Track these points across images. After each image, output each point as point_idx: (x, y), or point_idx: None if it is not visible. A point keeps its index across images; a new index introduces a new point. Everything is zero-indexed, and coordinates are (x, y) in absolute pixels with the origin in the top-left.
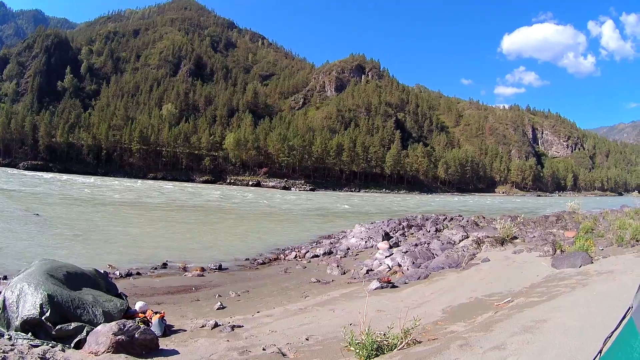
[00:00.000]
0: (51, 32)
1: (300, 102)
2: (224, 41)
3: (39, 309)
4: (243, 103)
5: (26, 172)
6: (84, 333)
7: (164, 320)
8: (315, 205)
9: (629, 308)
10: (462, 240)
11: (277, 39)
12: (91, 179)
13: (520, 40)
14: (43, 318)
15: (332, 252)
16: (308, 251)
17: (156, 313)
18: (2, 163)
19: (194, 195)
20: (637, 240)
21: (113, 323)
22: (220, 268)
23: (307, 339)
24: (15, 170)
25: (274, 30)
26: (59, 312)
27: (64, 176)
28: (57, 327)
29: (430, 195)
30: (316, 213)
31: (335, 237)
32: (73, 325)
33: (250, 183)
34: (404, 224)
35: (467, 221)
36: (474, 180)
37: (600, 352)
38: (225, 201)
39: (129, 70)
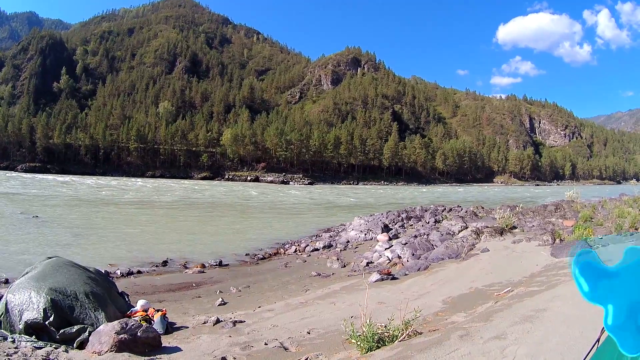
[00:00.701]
0: (46, 34)
1: (297, 96)
2: (219, 37)
3: (42, 313)
4: (239, 99)
5: (24, 175)
6: (87, 333)
7: (166, 317)
8: (314, 198)
9: None
10: (462, 230)
11: (272, 34)
12: (92, 179)
13: (515, 30)
14: (47, 323)
15: (332, 245)
16: (308, 245)
17: (158, 311)
18: (0, 166)
19: (199, 192)
20: (635, 229)
21: (115, 322)
22: (220, 264)
23: (309, 333)
24: (13, 173)
25: (269, 25)
26: (62, 316)
27: (66, 177)
28: (60, 331)
29: (428, 186)
30: (315, 206)
31: (334, 230)
32: (76, 327)
33: (248, 178)
34: (403, 215)
35: (466, 212)
36: (472, 170)
37: (597, 340)
38: (232, 197)
39: (125, 69)
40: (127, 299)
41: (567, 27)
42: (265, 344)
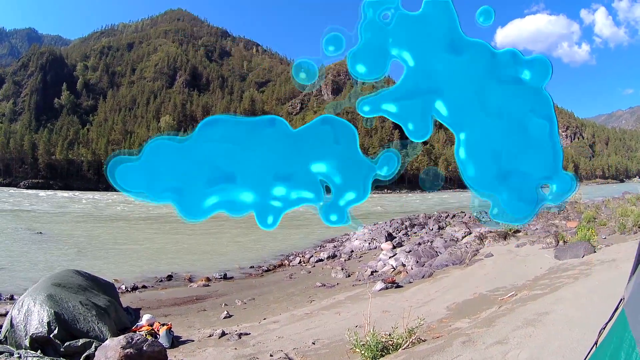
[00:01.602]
0: (45, 50)
1: (298, 107)
2: (218, 50)
3: (46, 327)
4: (240, 111)
5: (27, 191)
6: (92, 348)
7: (172, 331)
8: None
9: (621, 299)
10: (465, 236)
11: (271, 45)
12: (96, 195)
13: (513, 33)
14: (51, 336)
15: (336, 255)
16: (312, 255)
17: (163, 325)
18: (3, 183)
19: None
20: (639, 227)
21: (121, 337)
22: (225, 277)
23: (314, 343)
24: (17, 190)
25: (268, 37)
26: (66, 329)
27: (70, 193)
28: (65, 344)
29: (432, 193)
30: (319, 217)
31: (338, 240)
32: (81, 341)
33: None
34: (407, 223)
35: (470, 217)
36: None
37: (596, 343)
38: None
39: (125, 84)
40: (132, 314)
41: (564, 27)
42: (271, 355)
